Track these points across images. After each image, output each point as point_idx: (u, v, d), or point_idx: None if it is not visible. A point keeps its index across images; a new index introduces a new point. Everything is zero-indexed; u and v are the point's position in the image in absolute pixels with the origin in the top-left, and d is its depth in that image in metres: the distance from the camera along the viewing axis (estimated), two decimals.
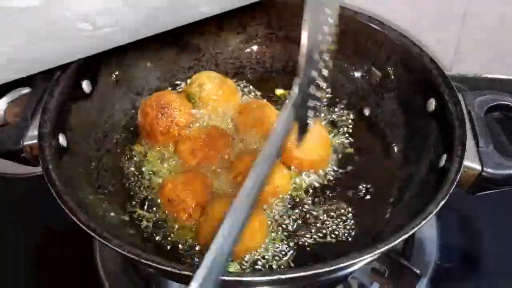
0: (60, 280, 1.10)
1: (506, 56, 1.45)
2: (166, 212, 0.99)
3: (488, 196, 0.98)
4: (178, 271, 0.76)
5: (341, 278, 1.04)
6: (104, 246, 1.05)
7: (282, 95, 1.20)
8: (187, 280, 0.86)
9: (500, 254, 1.11)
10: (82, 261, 1.10)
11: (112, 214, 0.98)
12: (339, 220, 0.99)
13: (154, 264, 0.77)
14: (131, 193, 1.03)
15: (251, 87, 1.22)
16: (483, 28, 1.39)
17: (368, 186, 1.04)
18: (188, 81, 1.19)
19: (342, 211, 1.00)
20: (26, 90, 1.07)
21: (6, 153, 0.96)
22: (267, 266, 0.92)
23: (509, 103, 1.01)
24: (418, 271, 0.97)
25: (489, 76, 1.50)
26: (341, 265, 0.77)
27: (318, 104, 0.80)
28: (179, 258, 0.93)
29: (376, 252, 0.78)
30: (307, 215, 0.99)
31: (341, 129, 1.13)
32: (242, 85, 1.22)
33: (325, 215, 0.99)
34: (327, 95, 1.16)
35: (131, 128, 1.13)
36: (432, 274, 1.07)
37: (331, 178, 1.05)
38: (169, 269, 0.76)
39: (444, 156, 0.94)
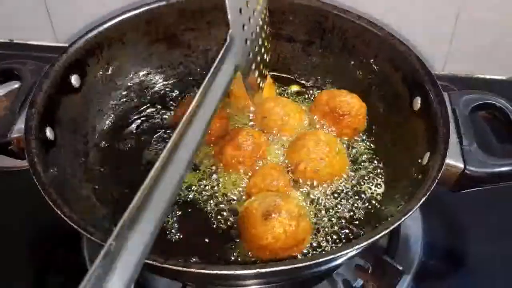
0: (47, 274, 1.10)
1: (499, 57, 1.46)
2: None
3: (474, 195, 0.99)
4: (160, 265, 0.77)
5: (326, 274, 1.04)
6: (91, 241, 1.07)
7: (298, 91, 1.21)
8: (172, 274, 0.87)
9: (484, 252, 1.11)
10: (70, 255, 1.11)
11: (99, 208, 0.99)
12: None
13: None
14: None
15: None
16: (476, 28, 1.40)
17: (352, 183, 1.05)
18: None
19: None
20: (16, 85, 1.08)
21: None
22: None
23: (494, 102, 1.01)
24: (400, 268, 0.97)
25: (482, 76, 1.51)
26: (321, 259, 0.78)
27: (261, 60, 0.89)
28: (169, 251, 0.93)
29: (355, 248, 0.79)
30: None
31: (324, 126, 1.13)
32: None
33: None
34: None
35: (120, 123, 1.13)
36: (416, 271, 1.07)
37: None
38: (151, 262, 0.77)
39: (428, 154, 0.94)
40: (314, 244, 0.94)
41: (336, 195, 1.02)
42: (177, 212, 0.99)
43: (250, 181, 1.00)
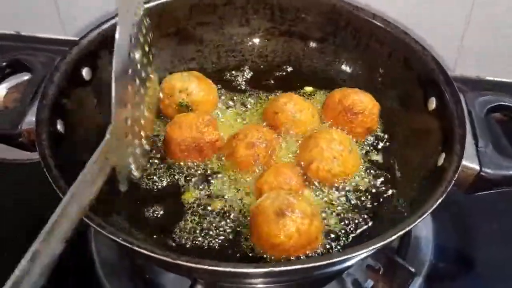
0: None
1: (510, 59, 1.45)
2: None
3: (485, 197, 0.98)
4: (172, 261, 0.76)
5: (336, 274, 1.04)
6: (99, 234, 1.06)
7: (312, 92, 1.19)
8: (185, 271, 0.87)
9: (495, 256, 1.10)
10: (78, 249, 1.10)
11: (109, 202, 0.97)
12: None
13: (147, 253, 0.76)
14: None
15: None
16: (487, 30, 1.39)
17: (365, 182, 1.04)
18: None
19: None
20: (26, 77, 1.07)
21: (4, 137, 0.96)
22: None
23: (510, 104, 1.01)
24: (412, 270, 0.96)
25: (493, 78, 1.50)
26: (335, 259, 0.77)
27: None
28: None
29: (370, 248, 0.78)
30: None
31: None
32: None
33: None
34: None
35: None
36: (427, 273, 1.06)
37: None
38: (162, 258, 0.76)
39: (443, 155, 0.93)
40: (327, 245, 0.93)
41: (348, 194, 1.01)
42: (189, 211, 0.98)
43: (261, 177, 0.99)
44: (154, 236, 0.94)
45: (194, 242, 0.93)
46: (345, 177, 1.01)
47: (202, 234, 0.94)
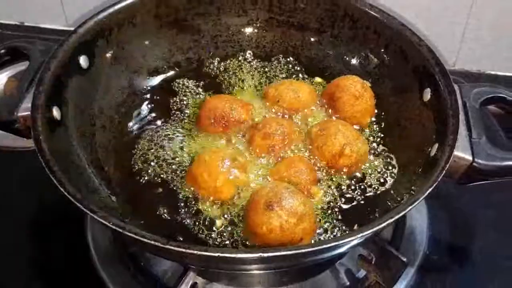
0: (51, 254, 1.11)
1: (511, 53, 1.44)
2: None
3: (480, 189, 0.98)
4: (162, 246, 0.76)
5: (328, 263, 1.04)
6: (95, 221, 1.07)
7: (321, 83, 1.19)
8: (173, 256, 0.87)
9: (488, 248, 1.10)
10: (73, 235, 1.11)
11: (103, 188, 0.98)
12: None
13: (138, 238, 0.77)
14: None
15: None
16: (488, 25, 1.38)
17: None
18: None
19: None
20: (26, 65, 1.08)
21: (0, 123, 0.97)
22: None
23: (505, 96, 1.00)
24: (405, 259, 0.96)
25: (493, 72, 1.49)
26: (324, 246, 0.77)
27: None
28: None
29: (359, 236, 0.78)
30: None
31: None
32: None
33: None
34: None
35: (127, 106, 1.13)
36: (420, 263, 1.07)
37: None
38: (153, 242, 0.76)
39: (436, 145, 0.94)
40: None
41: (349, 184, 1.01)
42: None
43: (275, 167, 0.99)
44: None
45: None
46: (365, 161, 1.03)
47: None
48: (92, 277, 1.05)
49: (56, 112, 0.96)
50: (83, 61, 1.05)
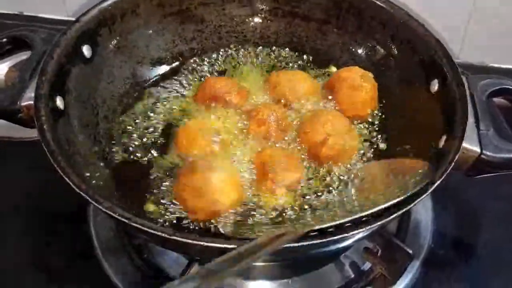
0: (52, 245, 1.10)
1: None
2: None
3: (486, 183, 0.97)
4: (168, 237, 0.76)
5: (333, 256, 1.03)
6: (98, 212, 1.06)
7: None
8: (179, 247, 0.86)
9: (494, 243, 1.10)
10: (76, 228, 1.10)
11: (107, 178, 0.97)
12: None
13: (144, 229, 0.77)
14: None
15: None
16: (492, 17, 1.37)
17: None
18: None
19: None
20: (27, 55, 1.06)
21: (3, 113, 0.96)
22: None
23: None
24: (410, 251, 0.96)
25: (497, 65, 1.48)
26: (330, 238, 0.76)
27: None
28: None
29: (367, 228, 0.77)
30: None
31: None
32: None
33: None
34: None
35: (131, 96, 1.12)
36: (425, 257, 1.06)
37: None
38: (159, 233, 0.76)
39: (444, 137, 0.93)
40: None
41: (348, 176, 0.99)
42: None
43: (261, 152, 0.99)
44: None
45: None
46: (352, 155, 1.01)
47: None
48: (94, 268, 1.04)
49: (59, 102, 0.95)
50: (86, 50, 1.04)
